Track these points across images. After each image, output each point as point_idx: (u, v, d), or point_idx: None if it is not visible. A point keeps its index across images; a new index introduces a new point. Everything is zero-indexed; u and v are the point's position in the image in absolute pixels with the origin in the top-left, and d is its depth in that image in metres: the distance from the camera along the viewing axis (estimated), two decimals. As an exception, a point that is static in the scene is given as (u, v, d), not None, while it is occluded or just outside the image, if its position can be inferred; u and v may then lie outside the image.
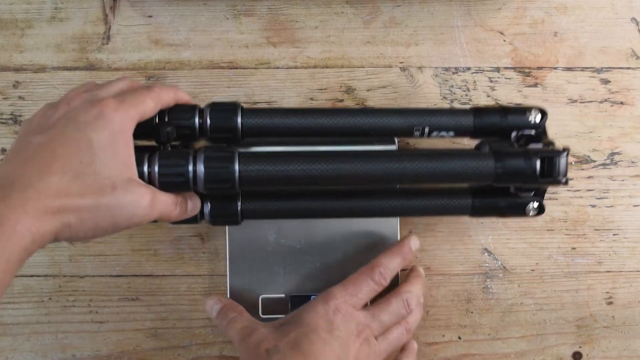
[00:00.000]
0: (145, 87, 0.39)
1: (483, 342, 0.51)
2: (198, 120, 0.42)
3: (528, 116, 0.44)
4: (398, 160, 0.41)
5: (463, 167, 0.41)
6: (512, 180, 0.42)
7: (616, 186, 0.51)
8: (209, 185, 0.40)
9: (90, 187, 0.34)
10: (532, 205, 0.44)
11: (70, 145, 0.34)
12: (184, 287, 0.51)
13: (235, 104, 0.43)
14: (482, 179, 0.41)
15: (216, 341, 0.50)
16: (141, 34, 0.52)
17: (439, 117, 0.44)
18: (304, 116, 0.43)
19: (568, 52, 0.52)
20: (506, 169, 0.41)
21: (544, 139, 0.44)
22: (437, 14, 0.52)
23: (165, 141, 0.40)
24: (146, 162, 0.39)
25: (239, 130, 0.42)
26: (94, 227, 0.34)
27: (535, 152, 0.41)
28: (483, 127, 0.44)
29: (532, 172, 0.41)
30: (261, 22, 0.52)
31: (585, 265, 0.51)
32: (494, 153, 0.41)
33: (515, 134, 0.44)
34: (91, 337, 0.50)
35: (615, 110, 0.51)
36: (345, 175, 0.41)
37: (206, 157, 0.39)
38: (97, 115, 0.35)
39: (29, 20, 0.52)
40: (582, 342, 0.51)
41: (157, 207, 0.37)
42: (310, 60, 0.52)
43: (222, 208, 0.44)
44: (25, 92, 0.51)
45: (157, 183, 0.39)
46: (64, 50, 0.51)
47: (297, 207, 0.45)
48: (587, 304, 0.51)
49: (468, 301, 0.51)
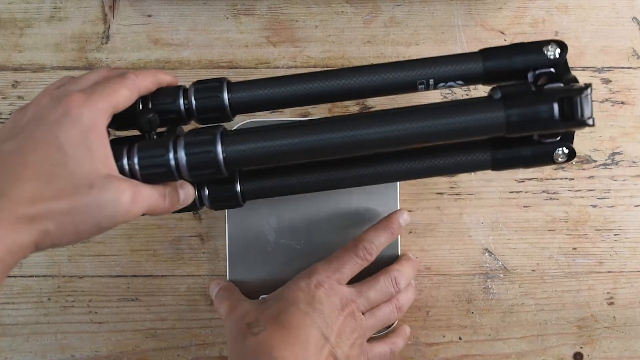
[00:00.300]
0: (119, 75, 0.37)
1: (484, 343, 0.51)
2: (183, 102, 0.39)
3: (545, 52, 0.38)
4: (385, 123, 0.37)
5: (467, 121, 0.36)
6: (528, 129, 0.36)
7: (617, 186, 0.51)
8: (194, 173, 0.37)
9: (65, 190, 0.32)
10: (561, 150, 0.39)
11: (40, 147, 0.33)
12: (183, 287, 0.50)
13: (220, 80, 0.40)
14: (492, 131, 0.36)
15: (216, 342, 0.50)
16: (140, 34, 0.51)
17: (443, 65, 0.38)
18: (295, 83, 0.39)
19: (569, 52, 0.50)
20: (519, 117, 0.35)
21: (566, 75, 0.37)
22: (437, 14, 0.52)
23: (148, 130, 0.38)
24: (125, 156, 0.36)
25: (227, 108, 0.39)
26: (75, 230, 0.33)
27: (551, 93, 0.35)
28: (494, 70, 0.38)
29: (550, 116, 0.35)
30: (261, 21, 0.52)
31: (586, 266, 0.51)
32: (503, 99, 0.36)
33: (533, 74, 0.38)
34: (90, 337, 0.50)
35: (616, 110, 0.51)
36: (331, 146, 0.37)
37: (186, 142, 0.36)
38: (64, 113, 0.33)
39: (28, 19, 0.52)
40: (583, 343, 0.51)
41: (141, 202, 0.35)
42: (310, 59, 0.52)
43: (221, 191, 0.41)
44: (24, 91, 0.51)
45: (139, 176, 0.36)
46: (63, 50, 0.51)
47: (301, 182, 0.42)
48: (588, 304, 0.51)
49: (469, 301, 0.51)
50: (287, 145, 0.37)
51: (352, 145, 0.37)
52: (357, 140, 0.37)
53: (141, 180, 0.36)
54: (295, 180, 0.42)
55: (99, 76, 0.38)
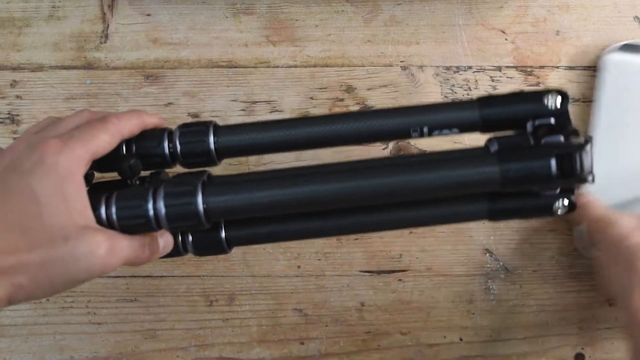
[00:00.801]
0: (100, 120, 0.35)
1: (485, 344, 0.50)
2: (168, 146, 0.37)
3: (545, 101, 0.36)
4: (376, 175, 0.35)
5: (459, 175, 0.34)
6: (523, 185, 0.35)
7: (619, 186, 0.51)
8: (173, 225, 0.35)
9: (39, 242, 0.31)
10: (561, 202, 0.37)
11: (14, 198, 0.31)
12: (183, 288, 0.50)
13: (206, 123, 0.38)
14: (486, 186, 0.35)
15: (215, 342, 0.50)
16: (139, 33, 0.51)
17: (438, 113, 0.37)
18: (283, 128, 0.38)
19: (570, 51, 0.51)
20: (514, 173, 0.34)
21: (567, 127, 0.36)
22: (438, 13, 0.51)
23: (129, 176, 0.36)
24: (103, 204, 0.34)
25: (213, 152, 0.38)
26: (50, 283, 0.31)
27: (549, 148, 0.34)
28: (492, 119, 0.37)
29: (547, 173, 0.34)
30: (261, 20, 0.51)
31: (587, 266, 0.50)
32: (498, 153, 0.35)
33: (532, 123, 0.36)
34: (89, 338, 0.50)
35: (618, 109, 0.51)
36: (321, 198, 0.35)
37: (166, 193, 0.35)
38: (39, 161, 0.32)
39: (26, 18, 0.51)
40: (584, 344, 0.50)
41: (119, 254, 0.33)
42: (310, 59, 0.51)
43: (205, 239, 0.39)
44: (22, 91, 0.51)
45: (117, 226, 0.35)
46: (61, 49, 0.51)
47: (290, 229, 0.40)
48: (589, 305, 0.50)
49: (469, 302, 0.50)
50: (272, 197, 0.35)
51: (342, 199, 0.35)
52: (347, 193, 0.35)
53: (119, 231, 0.35)
54: (283, 228, 0.39)
55: (80, 120, 0.36)
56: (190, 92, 0.51)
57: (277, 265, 0.50)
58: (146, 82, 0.51)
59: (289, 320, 0.50)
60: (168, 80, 0.51)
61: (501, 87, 0.51)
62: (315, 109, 0.51)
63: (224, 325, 0.50)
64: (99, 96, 0.51)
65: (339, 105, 0.51)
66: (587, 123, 0.51)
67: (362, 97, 0.51)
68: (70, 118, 0.36)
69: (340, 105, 0.51)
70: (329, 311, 0.50)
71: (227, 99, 0.51)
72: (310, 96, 0.51)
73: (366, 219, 0.39)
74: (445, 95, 0.51)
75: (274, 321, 0.50)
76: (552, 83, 0.51)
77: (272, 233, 0.40)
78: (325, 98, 0.51)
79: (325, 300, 0.50)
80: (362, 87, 0.51)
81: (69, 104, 0.51)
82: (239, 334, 0.50)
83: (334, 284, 0.50)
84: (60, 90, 0.51)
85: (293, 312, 0.50)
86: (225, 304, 0.50)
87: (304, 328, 0.50)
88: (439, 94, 0.51)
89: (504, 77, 0.51)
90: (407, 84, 0.51)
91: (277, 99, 0.51)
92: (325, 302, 0.50)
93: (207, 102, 0.51)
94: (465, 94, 0.51)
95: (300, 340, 0.50)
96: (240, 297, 0.50)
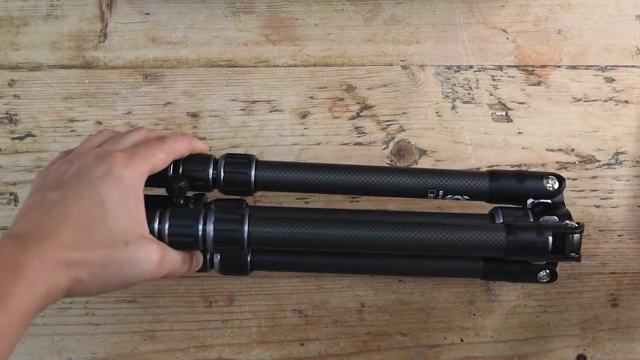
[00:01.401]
0: (158, 139, 0.39)
1: (486, 345, 0.50)
2: (212, 172, 0.41)
3: (545, 183, 0.43)
4: (404, 230, 0.40)
5: (473, 239, 0.40)
6: (522, 255, 0.41)
7: (621, 186, 0.50)
8: (218, 247, 0.40)
9: (102, 243, 0.34)
10: (545, 272, 0.44)
11: (83, 202, 0.35)
12: (181, 288, 0.50)
13: (249, 157, 0.43)
14: (492, 252, 0.41)
15: (214, 344, 0.50)
16: (138, 32, 0.51)
17: (454, 179, 0.43)
18: (316, 172, 0.43)
19: (572, 50, 0.51)
20: (517, 244, 0.40)
21: (560, 209, 0.43)
22: (439, 12, 0.51)
23: (177, 195, 0.40)
24: (157, 219, 0.39)
25: (252, 184, 0.42)
26: (105, 282, 0.35)
27: (548, 227, 0.40)
28: (499, 191, 0.43)
29: (544, 248, 0.40)
30: (260, 19, 0.51)
31: (589, 267, 0.50)
32: (505, 226, 0.40)
33: (532, 201, 0.43)
34: (87, 339, 0.50)
35: (619, 109, 0.51)
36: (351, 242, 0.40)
37: (216, 218, 0.39)
38: (107, 171, 0.36)
39: (24, 17, 0.51)
40: (586, 345, 0.50)
41: (167, 265, 0.37)
42: (310, 58, 0.51)
43: (231, 259, 0.44)
44: (20, 90, 0.50)
45: (166, 241, 0.39)
46: (60, 48, 0.51)
47: (305, 262, 0.45)
48: (591, 305, 0.50)
49: (470, 303, 0.50)
50: (309, 236, 0.40)
51: (373, 246, 0.40)
52: (373, 242, 0.40)
53: (167, 244, 0.38)
54: (302, 260, 0.44)
55: (139, 137, 0.40)
56: (190, 91, 0.51)
57: (277, 266, 0.50)
58: (145, 81, 0.51)
59: (288, 321, 0.50)
60: (167, 80, 0.51)
61: (502, 87, 0.51)
62: (315, 108, 0.51)
63: (223, 326, 0.50)
64: (98, 95, 0.50)
65: (339, 104, 0.51)
66: (589, 122, 0.51)
67: (363, 97, 0.51)
68: (130, 135, 0.40)
69: (340, 104, 0.51)
70: (329, 312, 0.50)
71: (227, 98, 0.51)
72: (310, 95, 0.51)
73: (376, 262, 0.44)
74: (446, 94, 0.51)
75: (274, 322, 0.50)
76: (554, 82, 0.51)
77: (291, 263, 0.44)
78: (325, 97, 0.51)
79: (325, 301, 0.50)
80: (362, 86, 0.51)
81: (67, 103, 0.50)
82: (239, 335, 0.50)
83: (334, 285, 0.50)
84: (58, 89, 0.50)
85: (293, 313, 0.50)
86: (224, 305, 0.50)
87: (304, 329, 0.50)
88: (440, 93, 0.51)
89: (505, 76, 0.51)
90: (407, 83, 0.51)
91: (276, 98, 0.51)
92: (325, 302, 0.50)
93: (206, 101, 0.50)
94: (466, 93, 0.51)
95: (300, 341, 0.50)
96: (239, 298, 0.50)
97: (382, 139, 0.50)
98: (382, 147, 0.50)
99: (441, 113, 0.51)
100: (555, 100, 0.51)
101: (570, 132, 0.51)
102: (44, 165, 0.49)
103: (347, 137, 0.50)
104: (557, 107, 0.51)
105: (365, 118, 0.51)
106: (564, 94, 0.51)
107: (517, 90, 0.51)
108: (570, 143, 0.51)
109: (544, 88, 0.51)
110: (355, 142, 0.50)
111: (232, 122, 0.50)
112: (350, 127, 0.51)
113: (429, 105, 0.51)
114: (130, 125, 0.50)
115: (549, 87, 0.51)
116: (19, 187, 0.50)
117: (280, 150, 0.50)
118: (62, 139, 0.50)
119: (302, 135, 0.50)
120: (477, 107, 0.51)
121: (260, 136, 0.50)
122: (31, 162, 0.50)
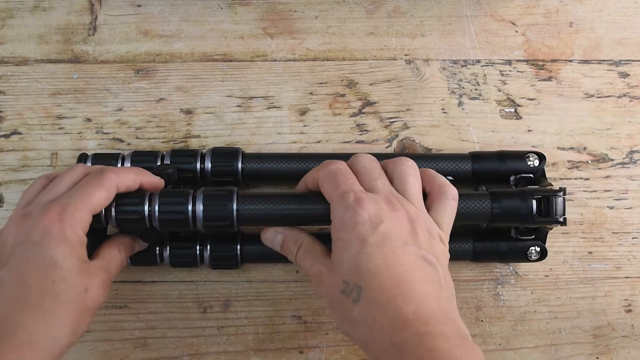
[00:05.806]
0: (96, 175, 0.38)
1: (494, 353, 0.49)
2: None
3: (527, 161, 0.45)
4: None
5: (459, 208, 0.41)
6: (508, 220, 0.43)
7: (635, 186, 0.49)
8: (208, 223, 0.40)
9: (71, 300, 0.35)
10: (534, 249, 0.45)
11: (36, 270, 0.35)
12: (175, 294, 0.48)
13: (236, 149, 0.45)
14: (479, 218, 0.42)
15: (209, 351, 0.48)
16: (129, 24, 0.50)
17: (436, 162, 0.45)
18: (303, 161, 0.45)
19: (584, 44, 0.50)
20: (502, 209, 0.42)
21: (542, 182, 0.45)
22: (445, 3, 0.50)
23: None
24: (147, 202, 0.40)
25: (239, 174, 0.45)
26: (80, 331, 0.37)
27: (531, 192, 0.42)
28: (482, 171, 0.46)
29: (529, 211, 0.42)
30: (257, 11, 0.50)
31: (602, 271, 0.49)
32: (490, 193, 0.43)
33: (514, 177, 0.46)
34: (76, 348, 0.47)
35: (634, 105, 0.50)
36: None
37: (205, 194, 0.41)
38: (45, 232, 0.35)
39: (10, 9, 0.50)
40: (599, 353, 0.49)
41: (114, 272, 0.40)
42: (310, 52, 0.50)
43: (221, 251, 0.45)
44: (6, 86, 0.50)
45: (157, 221, 0.40)
46: (47, 42, 0.50)
47: None
48: (604, 311, 0.49)
49: (478, 309, 0.49)
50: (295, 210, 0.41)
51: None
52: None
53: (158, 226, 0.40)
54: None
55: (75, 177, 0.39)
56: (183, 87, 0.50)
57: (275, 270, 0.49)
58: (136, 76, 0.50)
59: (287, 327, 0.48)
60: (160, 75, 0.50)
61: (511, 82, 0.50)
62: (314, 105, 0.50)
63: (219, 333, 0.48)
64: (87, 91, 0.50)
65: (340, 101, 0.50)
66: (602, 119, 0.49)
67: (365, 93, 0.50)
68: (64, 176, 0.39)
69: (342, 101, 0.50)
70: (330, 318, 0.48)
71: (222, 94, 0.50)
72: (310, 91, 0.50)
73: None
74: (452, 90, 0.49)
75: (272, 329, 0.48)
76: (565, 77, 0.50)
77: (281, 254, 0.44)
78: (325, 93, 0.50)
79: (325, 306, 0.48)
80: (364, 81, 0.50)
81: (55, 99, 0.49)
82: (235, 342, 0.48)
83: (335, 290, 0.48)
84: (46, 85, 0.50)
85: (291, 319, 0.48)
86: (219, 311, 0.48)
87: (303, 336, 0.48)
88: (446, 89, 0.49)
89: (514, 71, 0.50)
90: (411, 78, 0.50)
91: (274, 94, 0.50)
92: (325, 308, 0.49)
93: (201, 97, 0.50)
94: (473, 89, 0.49)
95: (299, 349, 0.48)
96: (235, 304, 0.48)
97: (385, 137, 0.49)
98: (385, 146, 0.49)
99: (447, 110, 0.49)
100: (567, 97, 0.50)
101: (583, 129, 0.50)
102: (30, 165, 0.49)
103: (349, 135, 0.49)
104: (569, 103, 0.50)
105: (367, 115, 0.49)
106: (575, 89, 0.50)
107: (526, 86, 0.50)
108: (583, 141, 0.49)
109: (554, 83, 0.50)
110: (357, 140, 0.49)
111: (228, 119, 0.49)
112: (351, 124, 0.49)
113: (434, 101, 0.50)
114: (121, 123, 0.49)
115: (560, 82, 0.50)
116: (5, 188, 0.48)
117: (278, 149, 0.49)
118: (50, 136, 0.49)
119: (302, 133, 0.49)
120: (485, 104, 0.50)
121: (258, 134, 0.49)
122: (17, 161, 0.49)
